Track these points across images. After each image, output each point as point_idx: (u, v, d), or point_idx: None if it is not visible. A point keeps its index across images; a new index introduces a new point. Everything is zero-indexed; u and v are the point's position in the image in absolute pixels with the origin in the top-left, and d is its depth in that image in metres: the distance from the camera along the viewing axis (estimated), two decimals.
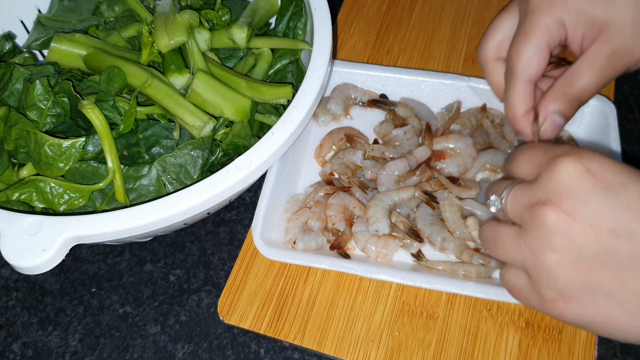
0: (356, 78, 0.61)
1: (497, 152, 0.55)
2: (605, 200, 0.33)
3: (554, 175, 0.34)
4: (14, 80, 0.52)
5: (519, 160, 0.39)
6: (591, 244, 0.33)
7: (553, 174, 0.34)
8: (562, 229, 0.33)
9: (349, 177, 0.54)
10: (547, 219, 0.34)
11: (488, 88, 0.57)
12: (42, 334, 0.51)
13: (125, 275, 0.54)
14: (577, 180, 0.34)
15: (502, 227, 0.38)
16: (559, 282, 0.34)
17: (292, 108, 0.47)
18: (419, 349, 0.48)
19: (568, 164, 0.34)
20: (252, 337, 0.50)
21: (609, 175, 0.33)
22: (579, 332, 0.48)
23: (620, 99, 0.63)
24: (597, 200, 0.33)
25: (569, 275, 0.34)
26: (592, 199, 0.33)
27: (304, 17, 0.57)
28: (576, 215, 0.33)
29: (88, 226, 0.41)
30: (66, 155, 0.47)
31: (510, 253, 0.37)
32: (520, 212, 0.36)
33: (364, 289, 0.51)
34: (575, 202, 0.33)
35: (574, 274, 0.34)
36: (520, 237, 0.36)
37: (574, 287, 0.34)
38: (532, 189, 0.36)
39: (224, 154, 0.51)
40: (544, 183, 0.35)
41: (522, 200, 0.36)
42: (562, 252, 0.34)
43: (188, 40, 0.51)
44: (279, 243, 0.52)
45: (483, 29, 0.68)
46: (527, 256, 0.35)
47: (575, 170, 0.34)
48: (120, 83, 0.50)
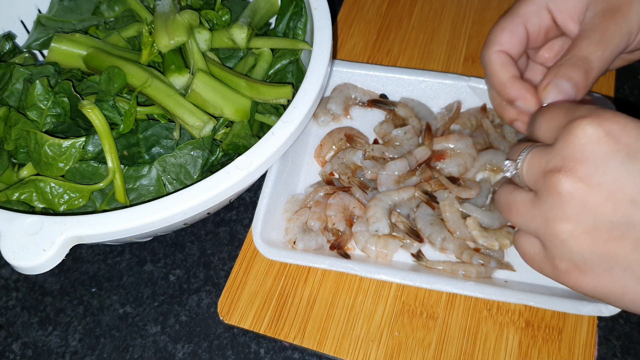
0: (356, 78, 0.61)
1: (497, 152, 0.55)
2: (625, 167, 0.31)
3: (570, 139, 0.32)
4: (14, 80, 0.52)
5: (538, 122, 0.36)
6: (608, 214, 0.31)
7: (570, 137, 0.32)
8: (577, 198, 0.31)
9: (349, 177, 0.54)
10: (561, 186, 0.32)
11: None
12: (42, 334, 0.51)
13: (125, 275, 0.54)
14: (595, 144, 0.31)
15: (517, 193, 0.36)
16: (573, 253, 0.33)
17: (292, 108, 0.47)
18: (419, 349, 0.48)
19: (587, 127, 0.32)
20: (252, 337, 0.50)
21: (631, 140, 0.31)
22: (579, 332, 0.48)
23: (620, 99, 0.63)
24: (616, 166, 0.31)
25: (584, 246, 0.32)
26: (610, 165, 0.31)
27: (304, 17, 0.57)
28: (592, 182, 0.31)
29: (88, 226, 0.41)
30: (66, 155, 0.47)
31: (523, 220, 0.35)
32: (536, 178, 0.34)
33: (364, 289, 0.51)
34: (592, 168, 0.31)
35: (588, 244, 0.32)
36: (535, 205, 0.34)
37: (588, 258, 0.32)
38: (548, 153, 0.33)
39: (224, 154, 0.51)
40: (560, 147, 0.33)
41: (537, 166, 0.34)
42: (577, 221, 0.32)
43: (188, 40, 0.51)
44: (279, 243, 0.52)
45: (483, 29, 0.68)
46: (540, 225, 0.34)
47: (594, 134, 0.31)
48: (120, 83, 0.50)
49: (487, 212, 0.51)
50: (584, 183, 0.31)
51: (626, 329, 0.49)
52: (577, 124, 0.32)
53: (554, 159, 0.33)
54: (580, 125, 0.32)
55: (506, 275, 0.50)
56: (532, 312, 0.49)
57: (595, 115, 0.32)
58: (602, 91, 0.61)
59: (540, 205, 0.34)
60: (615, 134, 0.31)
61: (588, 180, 0.31)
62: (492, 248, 0.50)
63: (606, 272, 0.32)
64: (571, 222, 0.32)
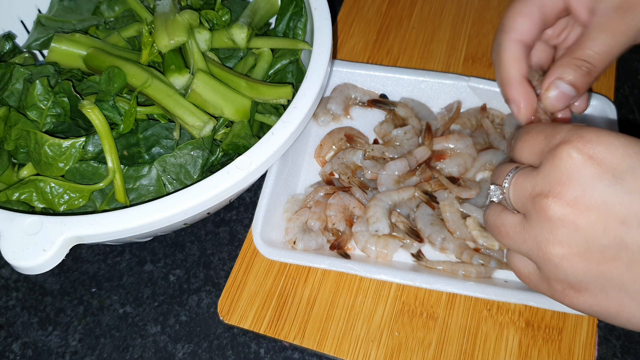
0: (356, 78, 0.61)
1: (497, 152, 0.55)
2: (612, 188, 0.31)
3: (556, 163, 0.32)
4: (14, 80, 0.52)
5: (519, 146, 0.37)
6: (599, 236, 0.31)
7: (555, 162, 0.32)
8: (567, 222, 0.32)
9: (349, 177, 0.54)
10: (551, 211, 0.32)
11: (488, 88, 0.57)
12: (42, 334, 0.51)
13: (125, 275, 0.54)
14: (581, 168, 0.31)
15: (505, 215, 0.36)
16: (568, 275, 0.33)
17: (292, 108, 0.47)
18: (419, 349, 0.48)
19: (571, 151, 0.32)
20: (252, 337, 0.50)
21: (615, 160, 0.31)
22: (579, 332, 0.48)
23: (620, 99, 0.63)
24: (604, 188, 0.31)
25: (578, 268, 0.32)
26: (597, 187, 0.31)
27: (304, 17, 0.57)
28: (581, 206, 0.31)
29: (88, 226, 0.41)
30: (66, 155, 0.47)
31: (514, 243, 0.36)
32: (523, 202, 0.34)
33: (364, 289, 0.51)
34: (580, 192, 0.31)
35: (582, 266, 0.32)
36: (525, 228, 0.34)
37: (583, 279, 0.33)
38: (533, 177, 0.34)
39: (224, 154, 0.51)
40: (547, 172, 0.33)
41: (523, 190, 0.34)
42: (569, 245, 0.32)
43: (188, 40, 0.51)
44: (279, 243, 0.52)
45: (483, 29, 0.68)
46: (532, 248, 0.34)
47: (579, 157, 0.31)
48: (120, 83, 0.50)
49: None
50: (573, 207, 0.32)
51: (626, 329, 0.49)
52: (561, 149, 0.32)
53: (541, 183, 0.33)
54: (565, 149, 0.32)
55: (506, 275, 0.50)
56: (532, 312, 0.49)
57: (579, 138, 0.32)
58: (602, 91, 0.61)
59: (530, 229, 0.34)
60: (600, 155, 0.31)
61: (577, 204, 0.32)
62: (492, 248, 0.50)
63: (601, 292, 0.33)
64: (563, 246, 0.32)
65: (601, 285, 0.32)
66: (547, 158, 0.33)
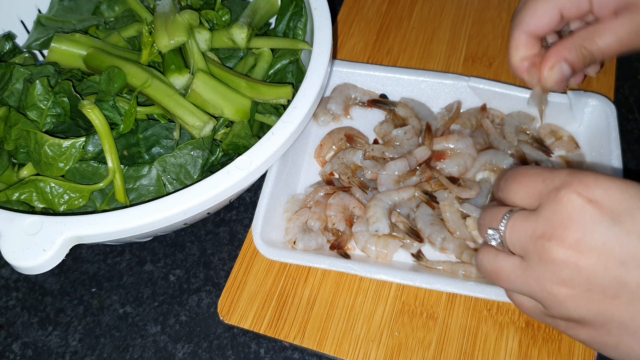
0: (356, 78, 0.61)
1: (497, 152, 0.55)
2: (611, 231, 0.32)
3: (556, 208, 0.34)
4: (14, 80, 0.52)
5: (514, 188, 0.37)
6: (600, 277, 0.33)
7: (556, 205, 0.34)
8: (570, 263, 0.33)
9: (349, 177, 0.54)
10: (553, 253, 0.33)
11: (488, 88, 0.57)
12: (42, 334, 0.51)
13: (125, 275, 0.54)
14: (582, 211, 0.33)
15: (502, 259, 0.37)
16: (571, 312, 0.34)
17: (292, 108, 0.47)
18: (419, 349, 0.48)
19: (571, 195, 0.33)
20: (252, 337, 0.50)
21: (614, 203, 0.33)
22: None
23: (620, 99, 0.63)
24: (603, 231, 0.32)
25: (581, 306, 0.34)
26: (597, 230, 0.32)
27: (304, 17, 0.57)
28: (583, 248, 0.33)
29: (88, 226, 0.41)
30: (66, 155, 0.47)
31: (516, 285, 0.37)
32: (523, 244, 0.35)
33: (364, 289, 0.51)
34: (581, 235, 0.33)
35: (585, 305, 0.34)
36: (526, 270, 0.35)
37: (585, 316, 0.34)
38: (533, 221, 0.35)
39: (224, 154, 0.51)
40: (548, 215, 0.34)
41: (523, 233, 0.35)
42: (572, 285, 0.33)
43: (188, 40, 0.51)
44: (279, 243, 0.52)
45: (483, 29, 0.68)
46: (535, 289, 0.35)
47: (579, 201, 0.33)
48: (120, 83, 0.50)
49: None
50: (575, 249, 0.33)
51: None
52: (562, 193, 0.34)
53: (542, 226, 0.34)
54: (566, 193, 0.33)
55: None
56: None
57: (578, 182, 0.33)
58: (602, 91, 0.61)
59: (532, 272, 0.35)
60: (600, 199, 0.33)
61: (578, 246, 0.33)
62: None
63: (603, 327, 0.34)
64: (567, 286, 0.34)
65: (602, 322, 0.34)
66: (547, 201, 0.34)
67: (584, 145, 0.57)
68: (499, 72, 0.64)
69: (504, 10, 0.70)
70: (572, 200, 0.33)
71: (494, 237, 0.38)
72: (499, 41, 0.67)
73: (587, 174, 0.34)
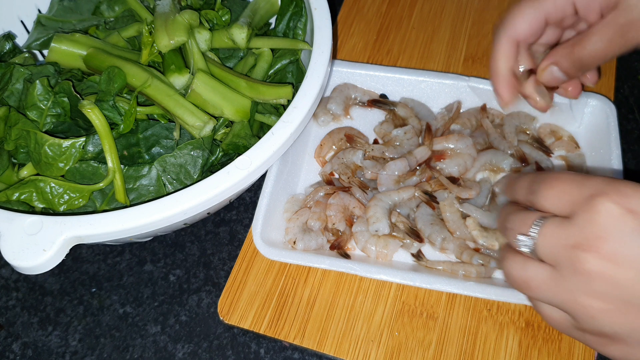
0: (356, 78, 0.61)
1: (497, 152, 0.55)
2: None
3: (593, 217, 0.32)
4: (14, 80, 0.52)
5: (545, 193, 0.35)
6: (637, 290, 0.31)
7: (592, 215, 0.32)
8: (605, 275, 0.32)
9: (349, 177, 0.54)
10: (588, 264, 0.32)
11: (488, 88, 0.57)
12: (42, 334, 0.51)
13: (125, 275, 0.54)
14: (618, 221, 0.31)
15: (531, 267, 0.35)
16: (604, 326, 0.33)
17: (292, 108, 0.47)
18: (419, 349, 0.48)
19: (609, 204, 0.31)
20: (252, 337, 0.50)
21: None
22: None
23: (620, 99, 0.63)
24: None
25: (615, 321, 0.33)
26: (635, 241, 0.31)
27: (304, 17, 0.57)
28: (619, 260, 0.31)
29: (88, 226, 0.41)
30: (66, 155, 0.47)
31: (545, 296, 0.35)
32: (555, 253, 0.34)
33: (364, 289, 0.51)
34: (617, 246, 0.31)
35: (620, 319, 0.32)
36: (557, 281, 0.34)
37: (619, 331, 0.33)
38: (568, 229, 0.33)
39: (224, 154, 0.51)
40: (582, 225, 0.32)
41: (557, 241, 0.34)
42: (606, 298, 0.32)
43: (188, 40, 0.51)
44: (279, 243, 0.52)
45: (483, 29, 0.68)
46: (566, 301, 0.34)
47: (616, 211, 0.31)
48: (120, 83, 0.50)
49: (487, 212, 0.51)
50: (611, 261, 0.31)
51: None
52: (599, 201, 0.32)
53: (577, 235, 0.33)
54: (602, 202, 0.32)
55: None
56: (532, 312, 0.49)
57: (616, 191, 0.32)
58: (602, 91, 0.61)
59: (564, 282, 0.34)
60: (637, 209, 0.31)
61: (614, 258, 0.31)
62: (492, 248, 0.50)
63: (638, 345, 0.33)
64: (601, 299, 0.32)
65: (638, 339, 0.33)
66: (583, 209, 0.33)
67: (584, 145, 0.57)
68: None
69: (504, 10, 0.70)
70: (609, 209, 0.31)
71: (525, 244, 0.36)
72: None
73: (624, 182, 0.32)
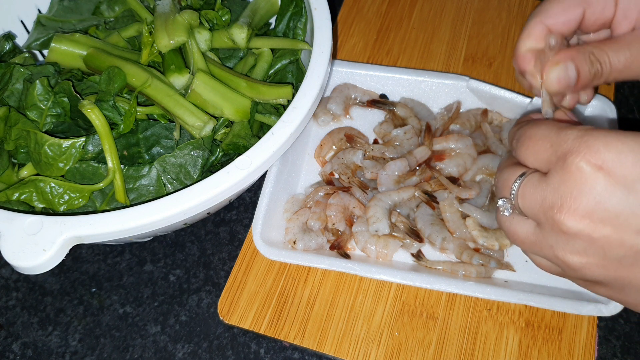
0: (356, 78, 0.61)
1: (494, 157, 0.55)
2: (626, 200, 0.31)
3: (565, 176, 0.32)
4: (14, 80, 0.52)
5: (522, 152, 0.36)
6: (616, 248, 0.32)
7: (564, 175, 0.32)
8: (582, 234, 0.32)
9: (349, 177, 0.54)
10: (564, 225, 0.32)
11: (488, 88, 0.57)
12: (42, 334, 0.51)
13: (125, 275, 0.54)
14: (591, 180, 0.31)
15: (517, 223, 0.36)
16: (587, 277, 0.34)
17: (292, 108, 0.47)
18: (419, 349, 0.48)
19: (580, 163, 0.31)
20: (252, 337, 0.50)
21: (626, 169, 0.30)
22: (579, 332, 0.48)
23: (620, 99, 0.63)
24: (617, 200, 0.31)
25: (597, 273, 0.33)
26: (610, 200, 0.31)
27: (304, 17, 0.57)
28: (595, 219, 0.31)
29: (88, 226, 0.41)
30: (66, 155, 0.47)
31: (531, 249, 0.36)
32: (534, 213, 0.34)
33: (364, 289, 0.51)
34: (592, 204, 0.31)
35: (601, 272, 0.33)
36: (540, 237, 0.35)
37: (602, 280, 0.34)
38: (542, 189, 0.33)
39: (224, 154, 0.51)
40: (556, 185, 0.33)
41: (533, 202, 0.34)
42: (586, 255, 0.33)
43: (188, 40, 0.51)
44: (279, 243, 0.52)
45: (483, 29, 0.68)
46: (549, 255, 0.35)
47: (588, 169, 0.31)
48: (120, 83, 0.50)
49: (486, 212, 0.51)
50: (588, 220, 0.32)
51: (626, 329, 0.49)
52: (570, 161, 0.32)
53: (551, 196, 0.33)
54: (574, 161, 0.32)
55: (506, 275, 0.50)
56: (532, 312, 0.49)
57: (587, 148, 0.31)
58: (602, 91, 0.61)
59: (545, 239, 0.34)
60: (610, 165, 0.31)
61: (591, 217, 0.31)
62: (492, 248, 0.50)
63: (621, 291, 0.34)
64: (580, 255, 0.33)
65: (621, 285, 0.34)
66: (556, 169, 0.33)
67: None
68: (499, 72, 0.64)
69: (504, 10, 0.70)
70: (580, 168, 0.31)
71: (505, 207, 0.37)
72: (499, 41, 0.67)
73: (596, 135, 0.31)
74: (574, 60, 0.41)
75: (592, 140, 0.31)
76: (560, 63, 0.41)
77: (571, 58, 0.41)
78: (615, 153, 0.31)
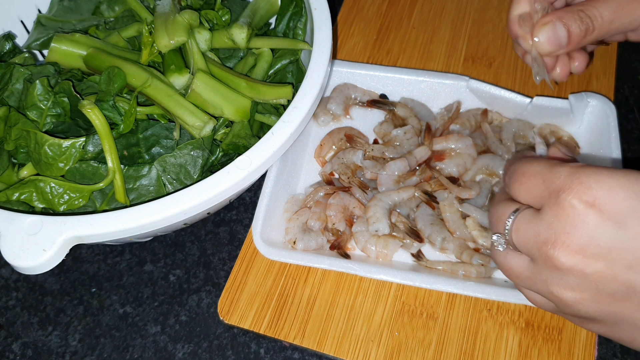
0: (356, 78, 0.61)
1: (494, 157, 0.55)
2: (617, 235, 0.31)
3: (558, 212, 0.33)
4: (14, 80, 0.52)
5: (515, 188, 0.37)
6: (609, 282, 0.32)
7: (557, 211, 0.33)
8: (575, 270, 0.32)
9: (349, 177, 0.54)
10: (557, 261, 0.33)
11: (487, 89, 0.57)
12: (42, 334, 0.51)
13: (125, 275, 0.54)
14: (583, 216, 0.32)
15: (512, 258, 0.37)
16: (581, 312, 0.34)
17: (292, 108, 0.47)
18: (419, 349, 0.48)
19: (572, 200, 0.32)
20: (252, 337, 0.50)
21: (617, 205, 0.31)
22: (579, 332, 0.48)
23: (620, 99, 0.63)
24: (608, 235, 0.31)
25: (590, 308, 0.34)
26: (602, 235, 0.31)
27: (304, 17, 0.57)
28: (588, 254, 0.32)
29: (88, 226, 0.41)
30: (66, 155, 0.47)
31: (525, 284, 0.37)
32: (529, 248, 0.35)
33: (364, 289, 0.51)
34: (585, 240, 0.32)
35: (595, 307, 0.33)
36: (534, 273, 0.35)
37: (596, 316, 0.34)
38: (537, 225, 0.34)
39: (224, 154, 0.51)
40: (549, 221, 0.33)
41: (527, 238, 0.35)
42: (580, 290, 0.33)
43: (188, 40, 0.51)
44: (279, 243, 0.52)
45: (483, 29, 0.68)
46: (542, 290, 0.35)
47: (580, 206, 0.32)
48: (120, 83, 0.50)
49: (486, 212, 0.51)
50: (581, 255, 0.32)
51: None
52: (562, 198, 0.32)
53: (544, 232, 0.33)
54: (566, 198, 0.32)
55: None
56: (532, 312, 0.49)
57: (579, 185, 0.32)
58: (602, 91, 0.61)
59: (539, 274, 0.35)
60: (602, 201, 0.31)
61: (583, 252, 0.32)
62: None
63: (615, 326, 0.34)
64: (574, 291, 0.33)
65: (614, 321, 0.34)
66: (549, 205, 0.33)
67: (584, 145, 0.57)
68: (499, 72, 0.64)
69: (504, 10, 0.70)
70: (573, 205, 0.32)
71: (499, 242, 0.37)
72: (499, 41, 0.67)
73: (589, 172, 0.32)
74: (561, 19, 0.42)
75: (584, 177, 0.32)
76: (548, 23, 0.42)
77: (558, 17, 0.42)
78: (606, 189, 0.31)
